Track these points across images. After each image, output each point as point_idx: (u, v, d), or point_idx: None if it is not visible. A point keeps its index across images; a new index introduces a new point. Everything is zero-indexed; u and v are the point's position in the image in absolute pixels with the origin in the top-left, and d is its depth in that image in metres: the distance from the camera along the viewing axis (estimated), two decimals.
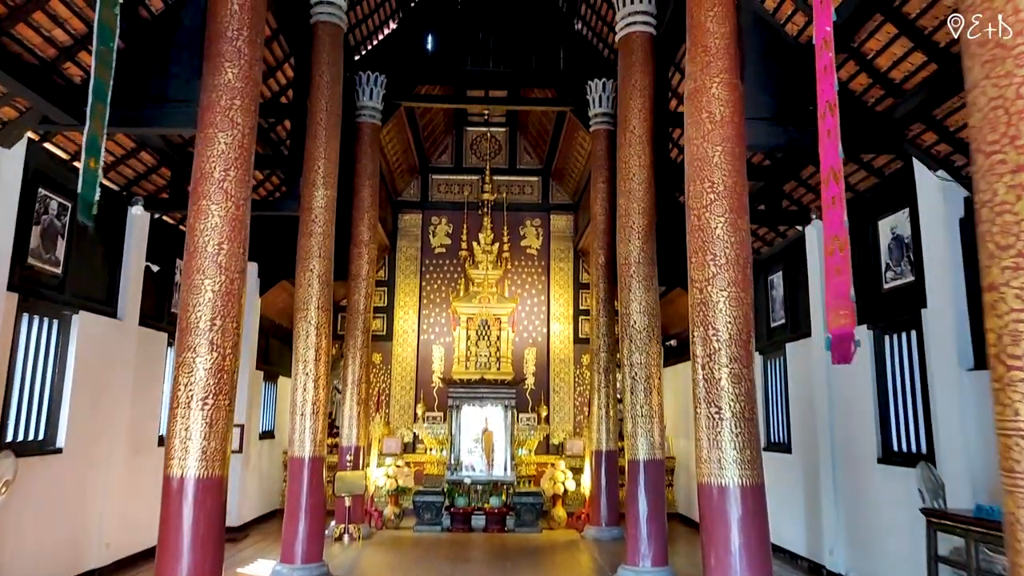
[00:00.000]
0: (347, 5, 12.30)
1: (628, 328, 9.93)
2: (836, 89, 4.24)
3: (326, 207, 10.04)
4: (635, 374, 9.79)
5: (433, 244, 18.20)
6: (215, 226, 6.26)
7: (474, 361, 15.84)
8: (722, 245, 6.39)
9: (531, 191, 18.60)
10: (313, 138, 10.08)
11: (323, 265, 9.96)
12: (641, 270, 9.99)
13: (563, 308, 17.91)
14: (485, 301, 16.05)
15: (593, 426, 13.35)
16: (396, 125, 15.33)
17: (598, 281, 13.69)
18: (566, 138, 16.02)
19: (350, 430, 13.08)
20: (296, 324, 9.85)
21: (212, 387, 6.08)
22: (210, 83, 6.46)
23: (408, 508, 14.19)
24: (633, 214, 10.08)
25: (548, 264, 18.15)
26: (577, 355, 17.71)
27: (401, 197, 18.32)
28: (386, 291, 17.89)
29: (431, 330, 17.77)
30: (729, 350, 6.24)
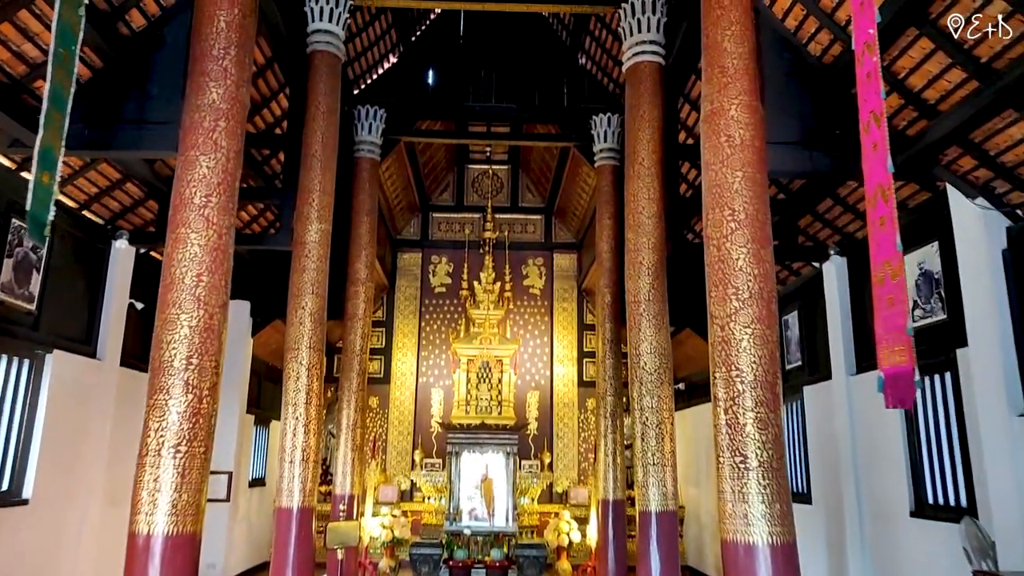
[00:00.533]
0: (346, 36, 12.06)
1: (637, 370, 9.36)
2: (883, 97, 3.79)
3: (320, 242, 9.56)
4: (646, 419, 9.19)
5: (433, 284, 17.71)
6: (194, 256, 5.75)
7: (474, 405, 15.22)
8: (744, 278, 5.87)
9: (534, 230, 18.18)
10: (307, 170, 9.65)
11: (316, 303, 9.44)
12: (651, 308, 9.46)
13: (567, 350, 17.33)
14: (486, 342, 15.49)
15: (599, 474, 12.68)
16: (396, 161, 14.96)
17: (604, 321, 13.15)
18: (569, 175, 15.64)
19: (344, 478, 12.41)
20: (286, 365, 9.29)
21: (186, 432, 5.51)
22: (193, 103, 6.02)
23: (404, 560, 13.44)
24: (643, 249, 9.59)
25: (551, 304, 17.63)
26: (582, 399, 17.08)
27: (400, 235, 17.89)
28: (384, 332, 17.34)
29: (430, 373, 17.17)
30: (754, 393, 5.68)
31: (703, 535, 14.53)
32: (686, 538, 15.46)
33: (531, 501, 15.44)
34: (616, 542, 12.27)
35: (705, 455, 14.43)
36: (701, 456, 14.75)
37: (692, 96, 10.71)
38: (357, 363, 12.84)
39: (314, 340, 9.32)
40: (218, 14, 6.15)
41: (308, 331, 9.29)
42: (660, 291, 9.56)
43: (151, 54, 6.73)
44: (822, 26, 6.30)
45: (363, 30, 12.73)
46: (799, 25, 6.51)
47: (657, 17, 10.11)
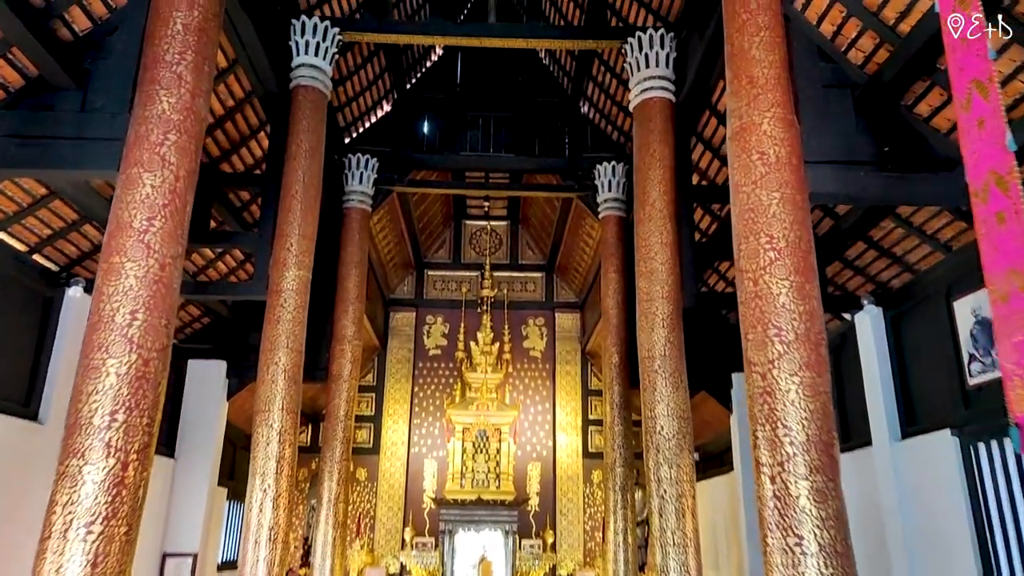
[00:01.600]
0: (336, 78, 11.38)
1: (653, 436, 8.27)
2: (992, 57, 2.93)
3: (298, 290, 8.60)
4: (664, 492, 8.06)
5: (427, 345, 16.67)
6: (128, 289, 4.78)
7: (470, 478, 14.03)
8: (788, 316, 4.89)
9: (534, 288, 17.25)
10: (286, 212, 8.78)
11: (291, 359, 8.42)
12: (667, 364, 8.44)
13: (571, 417, 16.16)
14: (483, 408, 14.42)
15: (609, 555, 11.40)
16: (389, 214, 14.15)
17: (612, 384, 12.08)
18: (572, 228, 14.80)
19: (323, 560, 11.11)
20: (255, 429, 8.22)
21: (103, 508, 4.42)
22: (140, 115, 5.16)
23: None
24: (656, 299, 8.63)
25: (553, 368, 16.55)
26: (587, 471, 15.81)
27: (393, 294, 16.95)
28: (373, 398, 16.20)
29: (423, 442, 15.95)
30: (807, 456, 4.62)
31: None
32: None
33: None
34: None
35: (724, 534, 13.14)
36: (720, 536, 13.45)
37: (706, 135, 9.94)
38: (341, 430, 11.71)
39: (288, 401, 8.26)
40: (175, 15, 5.36)
41: (281, 390, 8.24)
42: (676, 345, 8.55)
43: (96, 62, 5.92)
44: (864, 29, 5.51)
45: (354, 73, 12.08)
46: (837, 31, 5.74)
47: (666, 52, 9.42)
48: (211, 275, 11.00)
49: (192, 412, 11.56)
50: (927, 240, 7.66)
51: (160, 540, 11.16)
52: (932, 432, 7.50)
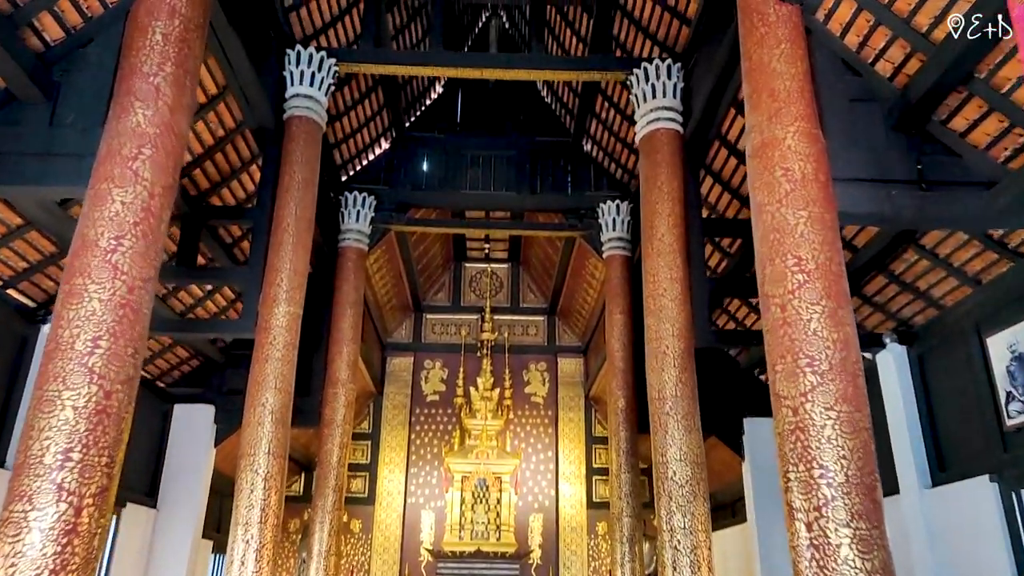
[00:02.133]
0: (331, 110, 11.11)
1: (665, 482, 7.72)
2: None
3: (288, 327, 8.14)
4: (677, 543, 7.47)
5: (425, 391, 16.11)
6: (91, 314, 4.33)
7: (469, 530, 13.38)
8: (820, 344, 4.43)
9: (536, 332, 16.77)
10: (277, 246, 8.37)
11: (279, 400, 7.91)
12: (679, 406, 7.93)
13: (574, 466, 15.50)
14: (483, 456, 13.83)
15: None
16: (386, 254, 13.76)
17: (618, 430, 11.53)
18: (575, 270, 14.39)
19: None
20: (239, 474, 7.67)
21: (50, 560, 3.88)
22: (113, 128, 4.79)
23: None
24: (666, 337, 8.16)
25: (556, 414, 15.96)
26: (592, 522, 15.10)
27: (391, 338, 16.45)
28: (369, 445, 15.58)
29: (420, 492, 15.27)
30: (848, 500, 4.11)
31: None
32: None
33: None
34: None
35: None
36: None
37: (715, 168, 9.59)
38: (333, 478, 11.11)
39: (275, 445, 7.73)
40: (154, 25, 5.03)
41: (268, 433, 7.72)
42: (689, 385, 8.06)
43: (67, 74, 5.57)
44: (894, 38, 5.17)
45: (351, 108, 11.81)
46: (863, 41, 5.41)
47: (673, 82, 9.14)
48: (200, 314, 10.54)
49: (177, 459, 10.98)
50: (954, 273, 7.22)
51: None
52: (968, 478, 6.96)
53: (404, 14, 11.90)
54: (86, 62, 5.53)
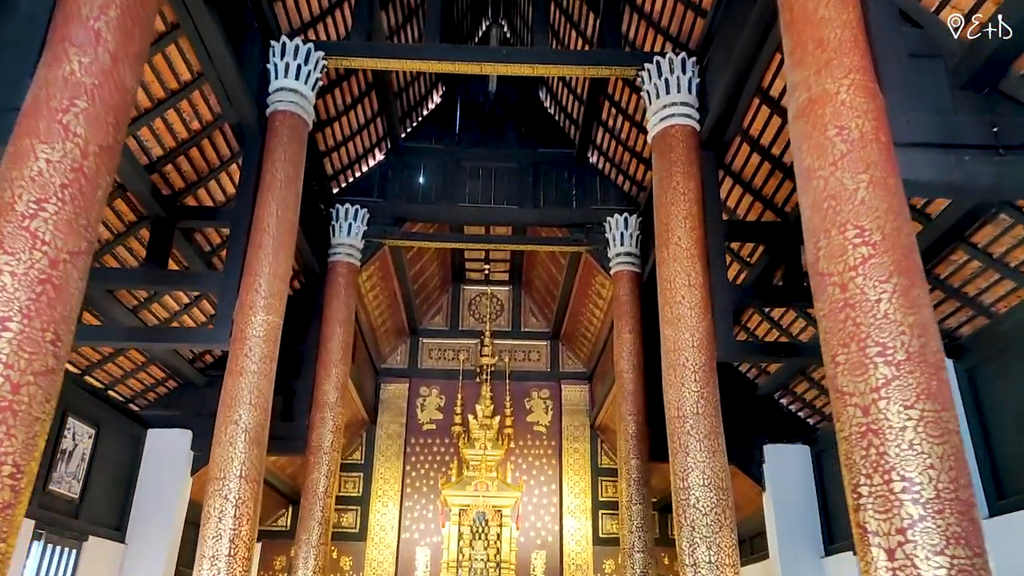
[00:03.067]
0: (322, 115, 10.46)
1: (687, 510, 6.85)
2: None
3: (266, 337, 7.34)
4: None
5: (421, 419, 15.22)
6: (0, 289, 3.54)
7: (467, 567, 12.41)
8: (894, 329, 3.64)
9: (538, 357, 15.93)
10: (256, 248, 7.61)
11: (255, 417, 7.08)
12: (702, 425, 7.09)
13: (579, 499, 14.56)
14: (483, 488, 12.92)
15: None
16: (380, 272, 13.01)
17: (628, 458, 10.66)
18: (580, 289, 13.63)
19: None
20: (206, 500, 6.81)
21: None
22: (42, 77, 4.07)
23: None
24: (685, 348, 7.36)
25: (560, 445, 15.05)
26: (598, 560, 14.11)
27: (385, 363, 15.61)
28: (361, 477, 14.65)
29: (415, 527, 14.31)
30: (941, 521, 3.29)
31: None
32: None
33: None
34: None
35: None
36: None
37: (735, 168, 8.87)
38: (319, 509, 10.20)
39: (248, 468, 6.88)
40: None
41: (241, 454, 6.87)
42: (711, 402, 7.23)
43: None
44: None
45: (343, 113, 11.15)
46: None
47: (688, 76, 8.47)
48: (173, 326, 9.72)
49: (149, 489, 10.09)
50: (1009, 274, 6.46)
51: None
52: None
53: (399, 14, 11.29)
54: (15, 11, 4.80)
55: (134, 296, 8.70)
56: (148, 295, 8.81)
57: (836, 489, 9.94)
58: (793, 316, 9.57)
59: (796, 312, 9.37)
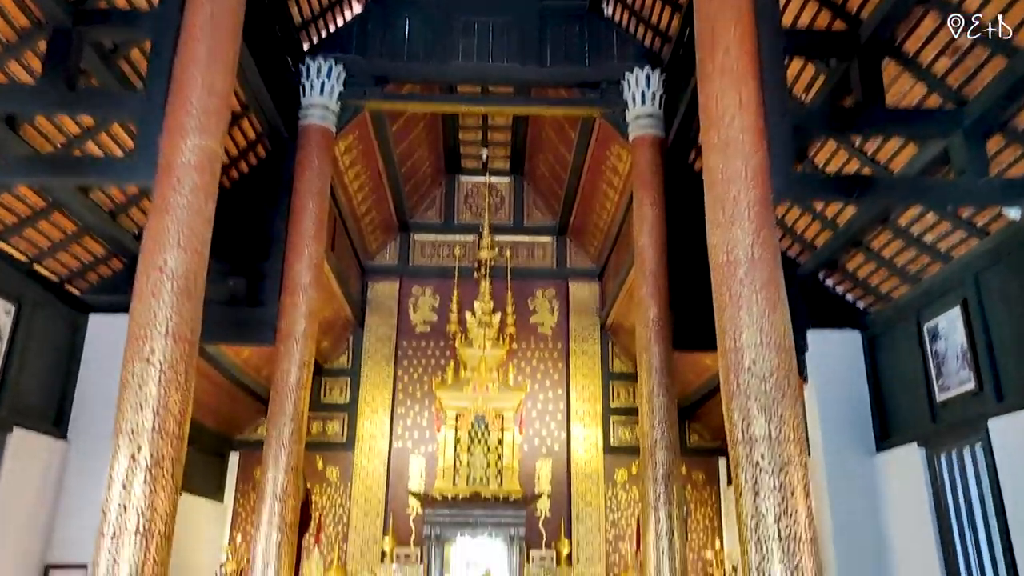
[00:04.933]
0: None
1: (740, 374, 5.38)
2: None
3: (199, 167, 5.74)
4: (759, 458, 5.15)
5: (414, 321, 13.77)
6: None
7: (465, 475, 11.10)
8: None
9: (543, 254, 14.39)
10: (187, 59, 5.95)
11: (184, 263, 5.52)
12: (758, 272, 5.56)
13: (588, 405, 13.22)
14: (482, 390, 11.51)
15: (648, 565, 8.46)
16: (360, 145, 11.36)
17: (649, 345, 9.23)
18: (593, 163, 11.97)
19: (264, 571, 8.18)
20: (124, 364, 5.33)
21: None
22: None
23: None
24: (735, 180, 5.77)
25: (567, 347, 13.64)
26: (609, 469, 12.85)
27: (372, 261, 14.08)
28: (348, 382, 13.29)
29: (408, 436, 13.01)
30: None
31: None
32: None
33: None
34: None
35: None
36: None
37: None
38: (291, 403, 8.79)
39: (178, 325, 5.37)
40: None
41: (167, 306, 5.36)
42: (770, 245, 5.69)
43: None
44: None
45: None
46: None
47: None
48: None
49: (93, 382, 8.70)
50: None
51: (41, 547, 8.24)
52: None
53: None
54: None
55: (37, 130, 7.06)
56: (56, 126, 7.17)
57: (894, 377, 8.52)
58: (873, 145, 7.71)
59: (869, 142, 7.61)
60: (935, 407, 7.65)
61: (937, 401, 7.60)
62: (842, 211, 8.32)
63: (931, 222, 7.44)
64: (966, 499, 7.17)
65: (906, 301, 8.20)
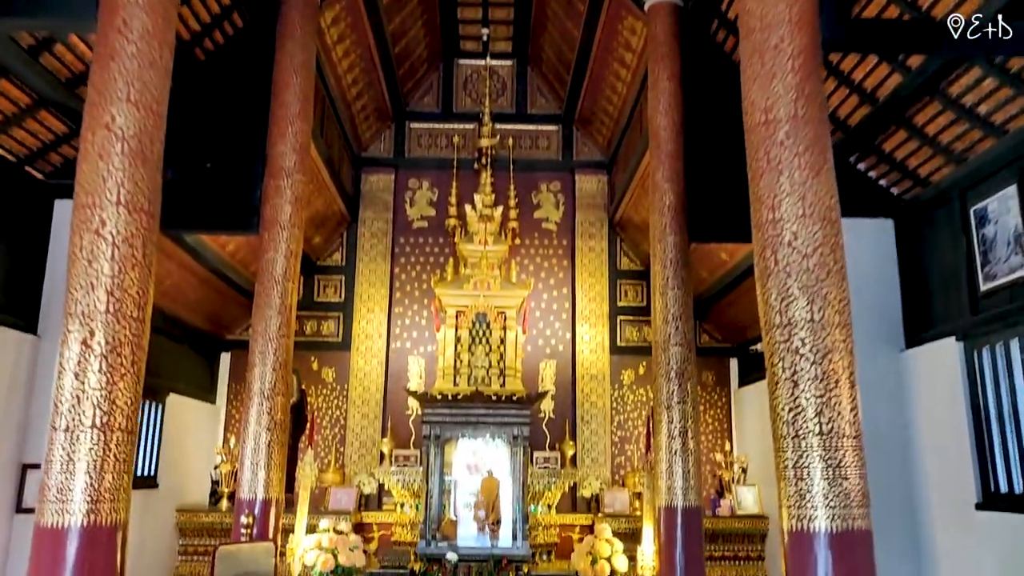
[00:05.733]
0: None
1: (778, 249, 4.70)
2: None
3: (150, 6, 4.88)
4: (799, 344, 4.53)
5: (411, 216, 13.02)
6: None
7: (466, 375, 10.58)
8: None
9: (547, 145, 13.49)
10: None
11: (137, 120, 4.76)
12: (801, 131, 4.81)
13: (595, 305, 12.62)
14: (483, 287, 10.86)
15: (661, 466, 8.00)
16: (349, 18, 10.32)
17: (663, 234, 8.52)
18: (601, 46, 10.96)
19: (253, 473, 7.73)
20: (71, 239, 4.64)
21: None
22: None
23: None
24: (778, 24, 4.96)
25: (573, 244, 12.93)
26: (616, 371, 12.37)
27: (366, 152, 13.22)
28: (342, 280, 12.66)
29: (406, 335, 12.48)
30: None
31: None
32: (774, 565, 10.73)
33: (548, 510, 10.74)
34: (690, 570, 7.63)
35: None
36: None
37: None
38: (276, 295, 8.16)
39: (131, 194, 4.65)
40: None
41: (117, 171, 4.63)
42: (815, 99, 4.92)
43: None
44: None
45: None
46: None
47: None
48: None
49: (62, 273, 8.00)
50: None
51: (16, 446, 7.79)
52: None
53: None
54: None
55: None
56: None
57: (931, 267, 7.84)
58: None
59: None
60: (977, 298, 7.03)
61: (980, 291, 6.96)
62: (885, 81, 7.45)
63: (988, 88, 6.58)
64: (1010, 394, 6.62)
65: (950, 183, 7.46)
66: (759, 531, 10.70)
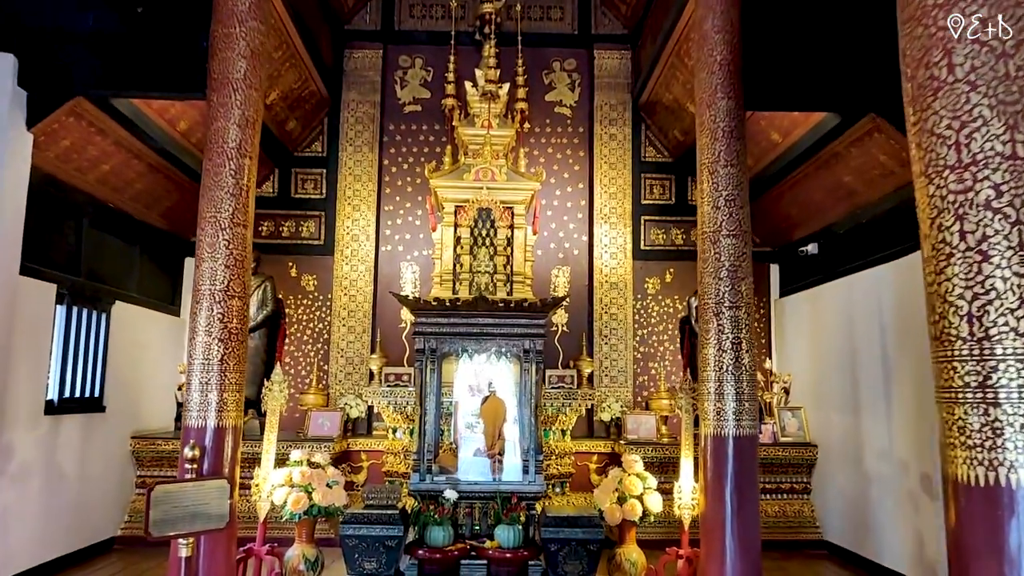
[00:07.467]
0: None
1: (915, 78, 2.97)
2: None
3: None
4: (991, 194, 2.86)
5: (402, 98, 11.17)
6: None
7: (467, 282, 8.97)
8: None
9: (560, 15, 11.51)
10: None
11: None
12: None
13: (616, 202, 10.90)
14: (486, 177, 9.13)
15: (708, 386, 6.45)
16: None
17: (713, 99, 6.73)
18: None
19: (203, 395, 6.21)
20: None
21: None
22: None
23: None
24: None
25: (590, 131, 11.12)
26: (639, 278, 10.76)
27: (349, 24, 11.26)
28: (323, 174, 10.91)
29: (397, 238, 10.82)
30: None
31: (850, 487, 8.40)
32: (816, 494, 9.36)
33: (562, 436, 9.29)
34: (741, 511, 6.17)
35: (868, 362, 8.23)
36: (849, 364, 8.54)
37: None
38: (229, 172, 6.44)
39: None
40: None
41: None
42: None
43: None
44: None
45: None
46: None
47: None
48: None
49: None
50: None
51: None
52: None
53: None
54: None
55: None
56: None
57: None
58: None
59: None
60: None
61: None
62: None
63: None
64: None
65: None
66: (806, 460, 9.31)
